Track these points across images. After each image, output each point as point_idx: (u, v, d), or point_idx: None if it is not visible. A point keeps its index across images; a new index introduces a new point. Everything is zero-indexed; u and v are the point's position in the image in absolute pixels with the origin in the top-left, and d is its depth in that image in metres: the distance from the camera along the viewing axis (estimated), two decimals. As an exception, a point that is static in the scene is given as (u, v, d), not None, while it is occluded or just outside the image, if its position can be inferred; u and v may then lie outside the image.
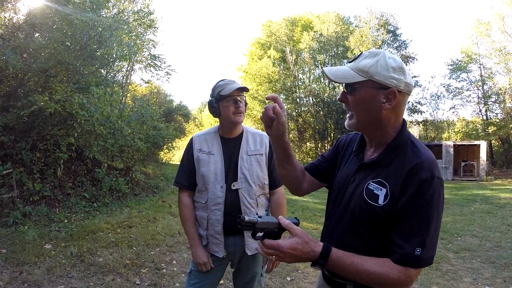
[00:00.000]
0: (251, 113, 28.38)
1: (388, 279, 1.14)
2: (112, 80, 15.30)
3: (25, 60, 7.70)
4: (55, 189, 7.63)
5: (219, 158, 2.22)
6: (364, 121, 1.29)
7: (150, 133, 11.06)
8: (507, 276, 4.56)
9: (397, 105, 1.27)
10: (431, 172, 1.17)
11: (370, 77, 1.22)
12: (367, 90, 1.24)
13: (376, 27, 28.76)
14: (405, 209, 1.16)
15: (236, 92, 2.13)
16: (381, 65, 1.22)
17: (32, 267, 4.43)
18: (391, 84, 1.23)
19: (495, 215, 9.02)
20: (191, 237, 2.23)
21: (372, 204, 1.22)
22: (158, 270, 4.63)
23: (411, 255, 1.13)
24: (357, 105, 1.28)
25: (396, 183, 1.20)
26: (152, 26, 20.36)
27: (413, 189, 1.16)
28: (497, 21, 26.40)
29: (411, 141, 1.29)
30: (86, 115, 7.38)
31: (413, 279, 1.16)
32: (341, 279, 1.33)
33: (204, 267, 2.17)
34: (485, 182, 19.47)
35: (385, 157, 1.27)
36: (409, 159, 1.22)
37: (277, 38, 32.54)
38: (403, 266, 1.14)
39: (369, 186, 1.25)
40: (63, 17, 8.11)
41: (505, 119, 25.92)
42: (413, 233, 1.14)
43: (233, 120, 2.18)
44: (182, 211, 2.28)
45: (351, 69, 1.26)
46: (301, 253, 1.17)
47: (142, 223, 7.08)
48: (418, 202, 1.15)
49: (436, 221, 1.16)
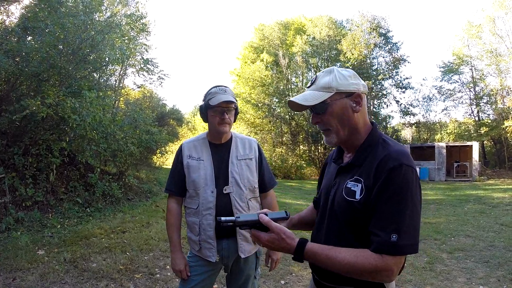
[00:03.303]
0: (244, 117, 28.35)
1: (364, 267, 1.17)
2: (104, 84, 15.23)
3: (17, 64, 7.64)
4: (47, 194, 7.58)
5: (209, 164, 2.24)
6: (343, 133, 1.38)
7: (143, 137, 11.02)
8: (500, 275, 4.59)
9: (362, 106, 1.39)
10: (399, 161, 1.21)
11: (336, 90, 1.34)
12: (337, 102, 1.34)
13: (368, 30, 28.95)
14: (377, 198, 1.21)
15: (224, 104, 2.15)
16: (339, 78, 1.35)
17: (25, 273, 4.39)
18: (354, 89, 1.35)
19: (488, 215, 9.08)
20: (172, 243, 2.28)
21: (351, 200, 1.29)
22: (152, 275, 4.60)
23: (386, 242, 1.15)
24: (333, 119, 1.36)
25: (368, 177, 1.26)
26: (145, 30, 20.29)
27: (382, 178, 1.21)
28: (488, 24, 26.69)
29: (383, 139, 1.36)
30: (78, 120, 7.33)
31: (393, 268, 1.16)
32: (331, 283, 1.38)
33: (180, 275, 2.21)
34: (478, 182, 19.61)
35: (359, 157, 1.35)
36: (379, 153, 1.29)
37: (270, 42, 32.58)
38: (380, 253, 1.16)
39: (347, 185, 1.33)
40: (55, 21, 8.06)
41: (497, 120, 26.16)
42: (387, 220, 1.17)
43: (217, 129, 2.21)
44: (168, 217, 2.33)
45: (316, 91, 1.37)
46: (278, 247, 1.29)
47: (136, 228, 7.04)
48: (389, 190, 1.19)
49: (411, 209, 1.18)
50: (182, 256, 2.25)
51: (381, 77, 29.34)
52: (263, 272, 4.58)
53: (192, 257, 2.29)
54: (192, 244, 2.28)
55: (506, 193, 13.57)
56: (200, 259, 2.23)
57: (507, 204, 10.68)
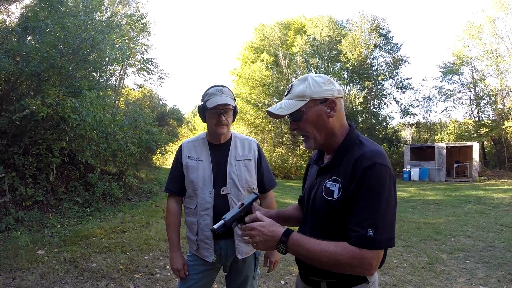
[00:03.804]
0: (244, 117, 28.37)
1: (343, 257, 1.21)
2: (105, 84, 15.22)
3: (18, 64, 7.64)
4: (47, 194, 7.57)
5: (207, 164, 2.24)
6: (320, 138, 1.45)
7: (143, 137, 11.02)
8: (500, 276, 4.59)
9: (338, 110, 1.44)
10: (373, 160, 1.27)
11: (310, 98, 1.40)
12: (312, 109, 1.41)
13: (368, 31, 29.00)
14: (354, 196, 1.27)
15: (220, 106, 2.14)
16: (313, 85, 1.40)
17: (25, 273, 4.38)
18: (328, 95, 1.41)
19: (488, 215, 9.09)
20: (171, 243, 2.30)
21: (329, 199, 1.35)
22: (152, 275, 4.60)
23: (363, 236, 1.20)
24: (309, 125, 1.43)
25: (345, 176, 1.32)
26: (145, 30, 20.30)
27: (357, 177, 1.27)
28: (488, 24, 26.72)
29: (359, 140, 1.42)
30: (78, 119, 7.33)
31: (372, 262, 1.20)
32: (315, 277, 1.44)
33: (178, 273, 2.23)
34: (478, 182, 19.61)
35: (337, 158, 1.42)
36: (355, 153, 1.34)
37: (270, 42, 32.59)
38: (358, 247, 1.20)
39: (326, 185, 1.39)
40: (56, 20, 8.06)
41: (497, 120, 26.18)
42: (364, 216, 1.23)
43: (215, 131, 2.21)
44: (167, 216, 2.34)
45: (291, 99, 1.43)
46: (267, 231, 1.34)
47: (136, 228, 7.04)
48: (364, 188, 1.25)
49: (385, 205, 1.24)
50: (180, 255, 2.25)
51: (381, 78, 29.38)
52: (263, 272, 4.58)
53: (191, 256, 2.29)
54: (191, 244, 2.28)
55: (506, 193, 13.57)
56: (199, 259, 2.24)
57: (507, 205, 10.68)
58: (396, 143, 29.51)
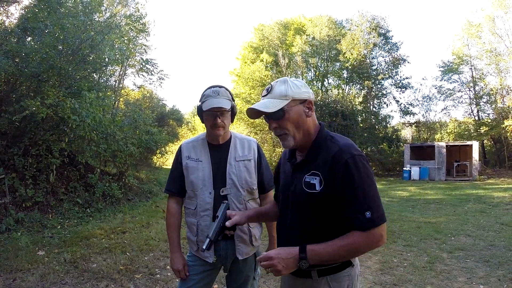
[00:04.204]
0: (244, 117, 28.35)
1: (358, 245, 1.39)
2: (104, 84, 15.23)
3: (17, 65, 7.64)
4: (47, 195, 7.58)
5: (207, 165, 2.23)
6: (298, 136, 1.56)
7: (143, 137, 11.02)
8: (501, 275, 4.59)
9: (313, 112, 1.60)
10: (350, 152, 1.43)
11: (291, 98, 1.52)
12: (293, 108, 1.53)
13: (368, 30, 28.93)
14: (343, 189, 1.41)
15: (215, 109, 2.12)
16: (293, 87, 1.54)
17: (26, 274, 4.39)
18: (306, 97, 1.55)
19: (489, 214, 9.08)
20: (171, 243, 2.29)
21: (311, 192, 1.48)
22: (152, 275, 4.60)
23: (365, 219, 1.37)
24: (291, 123, 1.54)
25: (325, 170, 1.46)
26: (144, 31, 20.31)
27: (341, 171, 1.41)
28: (487, 23, 26.69)
29: (330, 136, 1.57)
30: (77, 120, 7.33)
31: (381, 234, 1.40)
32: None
33: (178, 274, 2.22)
34: (478, 181, 19.59)
35: (312, 153, 1.55)
36: (330, 149, 1.49)
37: (269, 42, 32.55)
38: (364, 230, 1.37)
39: (306, 179, 1.51)
40: (55, 21, 8.06)
41: (497, 119, 26.14)
42: (358, 203, 1.38)
43: (211, 133, 2.22)
44: (167, 217, 2.34)
45: (273, 99, 1.53)
46: (285, 254, 1.42)
47: (136, 228, 7.04)
48: (350, 179, 1.40)
49: (372, 188, 1.42)
50: (181, 255, 2.25)
51: (380, 77, 29.32)
52: (263, 272, 4.58)
53: (191, 256, 2.28)
54: (191, 244, 2.28)
55: (506, 192, 13.57)
56: (199, 259, 2.23)
57: (507, 204, 10.68)
58: (396, 143, 29.46)
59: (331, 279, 1.52)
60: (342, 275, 1.53)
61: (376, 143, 26.83)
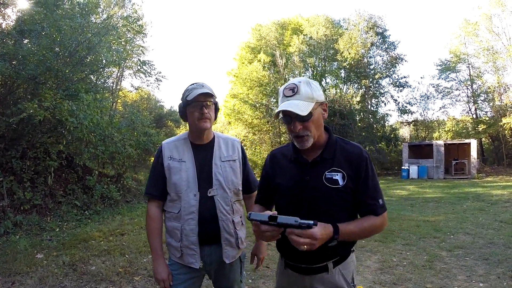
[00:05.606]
0: (242, 118, 28.38)
1: (377, 226, 1.63)
2: (102, 86, 15.22)
3: (14, 67, 7.61)
4: (46, 198, 7.56)
5: (191, 165, 2.12)
6: (316, 137, 1.63)
7: (141, 139, 11.00)
8: (500, 273, 4.59)
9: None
10: (366, 153, 1.67)
11: (316, 100, 1.58)
12: (316, 110, 1.60)
13: (365, 30, 28.97)
14: (367, 181, 1.62)
15: (201, 97, 2.04)
16: (316, 89, 1.60)
17: (24, 277, 4.37)
18: (323, 99, 1.63)
19: (487, 212, 9.09)
20: (154, 251, 2.14)
21: (335, 187, 1.60)
22: (151, 277, 4.57)
23: (379, 205, 1.63)
24: (313, 125, 1.60)
25: (348, 167, 1.62)
26: (141, 32, 20.28)
27: (364, 167, 1.62)
28: (484, 21, 26.76)
29: (339, 138, 1.74)
30: (75, 122, 7.32)
31: (386, 218, 1.68)
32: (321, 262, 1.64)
33: (163, 284, 2.08)
34: (477, 179, 19.63)
35: (329, 152, 1.66)
36: (350, 150, 1.67)
37: (267, 42, 32.55)
38: (378, 215, 1.62)
39: (327, 176, 1.62)
40: (52, 23, 8.04)
41: (495, 117, 26.22)
42: (374, 192, 1.63)
43: (198, 126, 2.09)
44: (148, 222, 2.17)
45: (302, 101, 1.55)
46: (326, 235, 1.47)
47: (134, 230, 7.02)
48: (370, 174, 1.63)
49: (378, 181, 1.68)
50: (165, 263, 2.12)
51: (378, 76, 29.37)
52: (263, 272, 4.58)
53: (173, 264, 2.16)
54: (173, 251, 2.15)
55: (505, 190, 13.60)
56: (182, 266, 2.12)
57: (506, 201, 10.70)
58: (394, 141, 29.53)
59: (342, 267, 1.67)
60: (348, 261, 1.69)
61: (374, 142, 26.87)
